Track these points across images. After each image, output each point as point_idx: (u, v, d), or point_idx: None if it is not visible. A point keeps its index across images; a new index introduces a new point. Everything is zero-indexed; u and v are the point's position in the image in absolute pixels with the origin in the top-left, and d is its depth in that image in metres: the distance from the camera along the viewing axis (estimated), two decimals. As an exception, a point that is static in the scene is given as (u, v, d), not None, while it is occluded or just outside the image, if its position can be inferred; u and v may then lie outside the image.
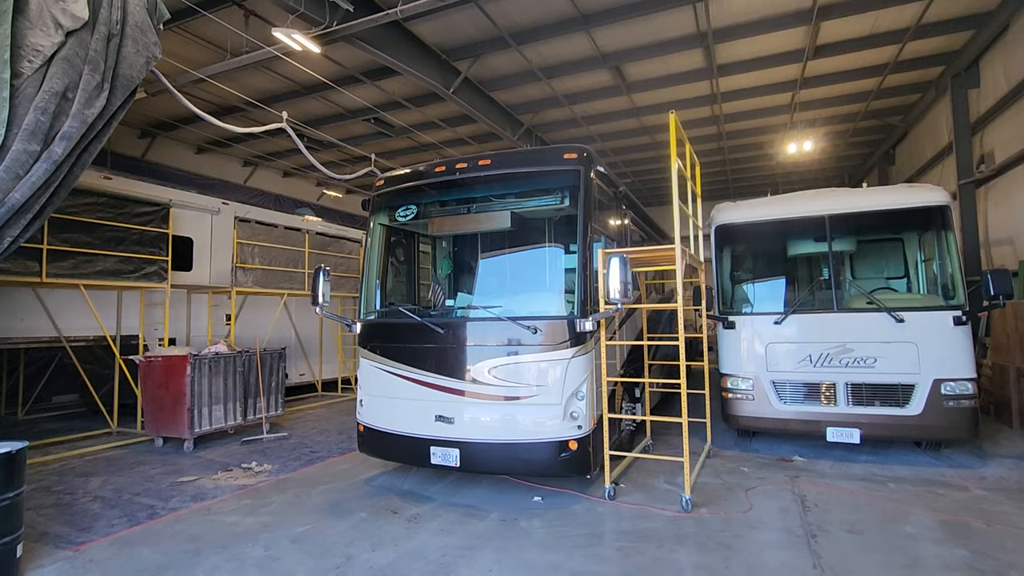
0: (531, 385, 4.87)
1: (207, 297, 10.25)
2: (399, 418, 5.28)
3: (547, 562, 3.83)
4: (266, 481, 5.86)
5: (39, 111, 4.06)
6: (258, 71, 10.48)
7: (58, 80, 4.18)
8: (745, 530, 4.31)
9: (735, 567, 3.70)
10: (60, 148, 4.15)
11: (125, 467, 6.50)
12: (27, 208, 4.11)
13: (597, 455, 5.01)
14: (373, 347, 5.59)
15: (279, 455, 6.96)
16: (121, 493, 5.51)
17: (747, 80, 11.22)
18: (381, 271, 6.17)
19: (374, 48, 8.43)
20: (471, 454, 4.93)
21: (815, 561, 3.74)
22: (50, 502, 5.24)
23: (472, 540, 4.22)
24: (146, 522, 4.72)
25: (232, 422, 7.77)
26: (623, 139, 14.91)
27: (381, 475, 5.98)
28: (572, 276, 5.18)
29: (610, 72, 10.74)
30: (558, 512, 4.78)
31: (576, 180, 5.12)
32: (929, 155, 12.70)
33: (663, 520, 4.54)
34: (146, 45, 4.92)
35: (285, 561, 3.92)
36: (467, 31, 9.27)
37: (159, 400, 7.37)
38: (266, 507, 5.05)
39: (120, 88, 4.67)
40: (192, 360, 7.20)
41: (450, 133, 14.05)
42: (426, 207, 5.94)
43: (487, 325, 5.15)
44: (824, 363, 6.12)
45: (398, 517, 4.74)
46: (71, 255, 7.28)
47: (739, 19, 9.03)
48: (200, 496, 5.38)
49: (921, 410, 5.73)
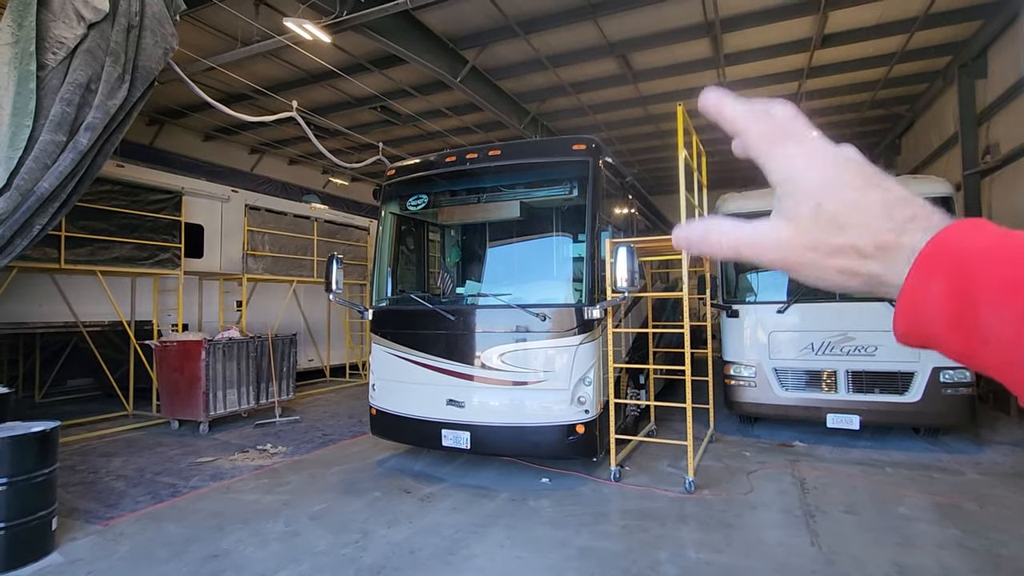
0: (540, 371, 5.03)
1: (218, 284, 10.42)
2: (411, 402, 5.45)
3: (555, 538, 4.00)
4: (282, 462, 6.05)
5: (64, 102, 4.19)
6: (266, 59, 10.53)
7: (81, 72, 4.30)
8: (746, 510, 4.48)
9: (736, 544, 3.87)
10: (85, 138, 4.29)
11: (144, 448, 6.71)
12: (55, 197, 4.26)
13: (603, 438, 5.17)
14: (385, 333, 5.75)
15: (292, 438, 7.16)
16: (143, 472, 5.71)
17: (754, 69, 11.21)
18: (392, 259, 6.30)
19: (383, 37, 8.49)
20: (481, 437, 5.10)
21: (812, 539, 3.91)
22: (76, 480, 5.45)
23: (483, 518, 4.40)
24: (169, 499, 4.92)
25: (245, 405, 7.97)
26: (629, 128, 14.91)
27: (393, 457, 6.17)
28: (580, 265, 5.31)
29: (617, 61, 10.75)
30: (565, 492, 4.96)
31: (585, 171, 5.23)
32: (935, 145, 12.69)
33: (666, 500, 4.71)
34: (164, 36, 5.03)
35: (305, 536, 4.10)
36: (475, 20, 9.30)
37: (175, 384, 7.56)
38: (283, 486, 5.24)
39: (140, 79, 4.79)
40: (207, 345, 7.37)
41: (456, 121, 14.08)
42: (437, 196, 6.06)
43: (497, 312, 5.29)
44: (825, 351, 6.26)
45: (411, 496, 4.92)
46: (88, 242, 7.44)
47: (747, 8, 9.03)
48: (219, 476, 5.58)
49: (920, 397, 5.88)
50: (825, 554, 3.70)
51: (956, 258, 0.38)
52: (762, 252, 0.44)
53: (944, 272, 0.38)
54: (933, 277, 0.38)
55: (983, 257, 0.37)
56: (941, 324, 0.38)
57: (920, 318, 0.39)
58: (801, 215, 0.42)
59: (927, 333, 0.39)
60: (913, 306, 0.40)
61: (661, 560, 3.67)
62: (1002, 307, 0.35)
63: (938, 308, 0.38)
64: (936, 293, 0.38)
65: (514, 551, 3.83)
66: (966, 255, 0.38)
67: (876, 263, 0.41)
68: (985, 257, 0.37)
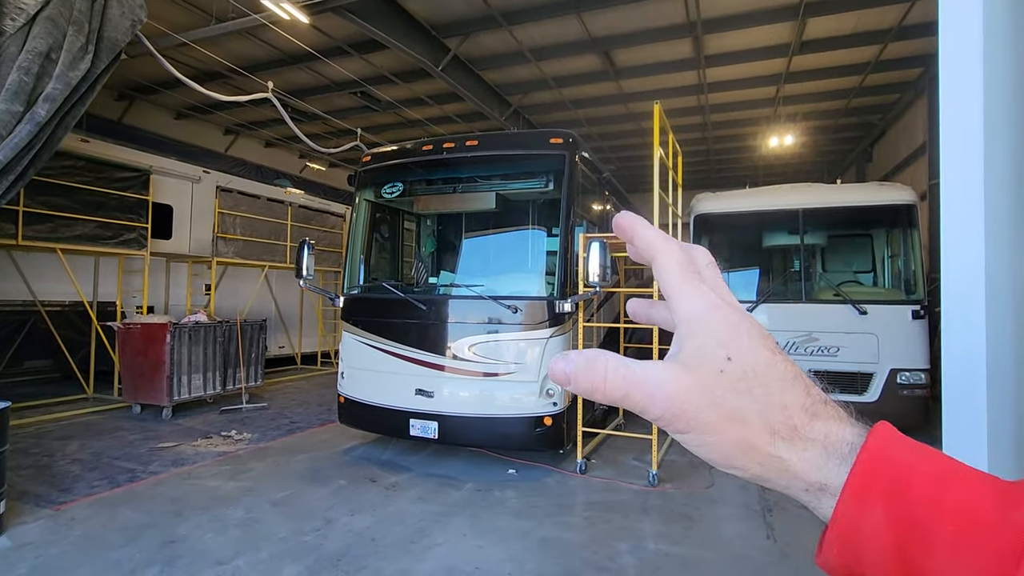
0: (509, 362, 5.04)
1: (187, 266, 10.17)
2: (380, 391, 5.42)
3: (518, 529, 4.03)
4: (246, 449, 5.96)
5: (22, 71, 4.02)
6: (243, 37, 10.25)
7: (42, 40, 4.13)
8: (706, 504, 4.58)
9: (694, 535, 3.95)
10: (43, 110, 4.12)
11: (103, 432, 6.53)
12: (9, 169, 4.09)
13: (571, 431, 5.22)
14: (356, 321, 5.69)
15: (259, 424, 7.05)
16: (100, 457, 5.56)
17: (733, 72, 11.36)
18: (365, 246, 6.23)
19: (363, 20, 8.34)
20: (449, 427, 5.10)
21: (768, 532, 4.02)
22: (28, 463, 5.28)
23: (448, 507, 4.41)
24: (126, 485, 4.80)
25: (211, 391, 7.81)
26: (610, 125, 14.98)
27: (360, 446, 6.13)
28: (553, 258, 5.32)
29: (600, 57, 10.77)
30: (531, 484, 5.00)
31: (561, 164, 5.24)
32: (904, 154, 13.06)
33: (630, 493, 4.78)
34: (131, 7, 4.86)
35: (266, 523, 4.06)
36: (458, 8, 9.20)
37: (138, 367, 7.37)
38: (246, 473, 5.16)
39: (105, 51, 4.62)
40: (172, 328, 7.20)
41: (437, 110, 13.95)
42: (412, 185, 6.01)
43: (469, 303, 5.28)
44: (790, 351, 6.40)
45: (377, 485, 4.90)
46: (49, 218, 7.17)
47: (729, 11, 9.13)
48: (180, 462, 5.47)
49: (878, 397, 6.07)
50: (780, 547, 3.80)
51: (894, 478, 0.32)
52: (652, 401, 0.36)
53: (882, 495, 0.31)
54: (873, 500, 0.32)
55: (924, 480, 0.31)
56: (888, 562, 0.31)
57: (860, 550, 0.32)
58: (705, 365, 0.36)
59: (865, 569, 0.32)
60: (853, 533, 0.32)
61: (621, 551, 3.73)
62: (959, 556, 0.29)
63: (879, 542, 0.31)
64: (876, 522, 0.31)
65: (476, 540, 3.85)
66: (904, 475, 0.32)
67: (784, 446, 0.34)
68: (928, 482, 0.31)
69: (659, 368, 0.37)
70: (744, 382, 0.35)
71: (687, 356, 0.37)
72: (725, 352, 0.36)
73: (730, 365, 0.35)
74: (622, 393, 0.37)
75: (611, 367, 0.37)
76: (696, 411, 0.35)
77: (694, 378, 0.36)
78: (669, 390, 0.36)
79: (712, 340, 0.36)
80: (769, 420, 0.34)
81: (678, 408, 0.35)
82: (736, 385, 0.35)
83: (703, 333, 0.37)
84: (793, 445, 0.34)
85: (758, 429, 0.35)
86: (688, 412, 0.35)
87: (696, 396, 0.35)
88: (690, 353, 0.37)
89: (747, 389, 0.35)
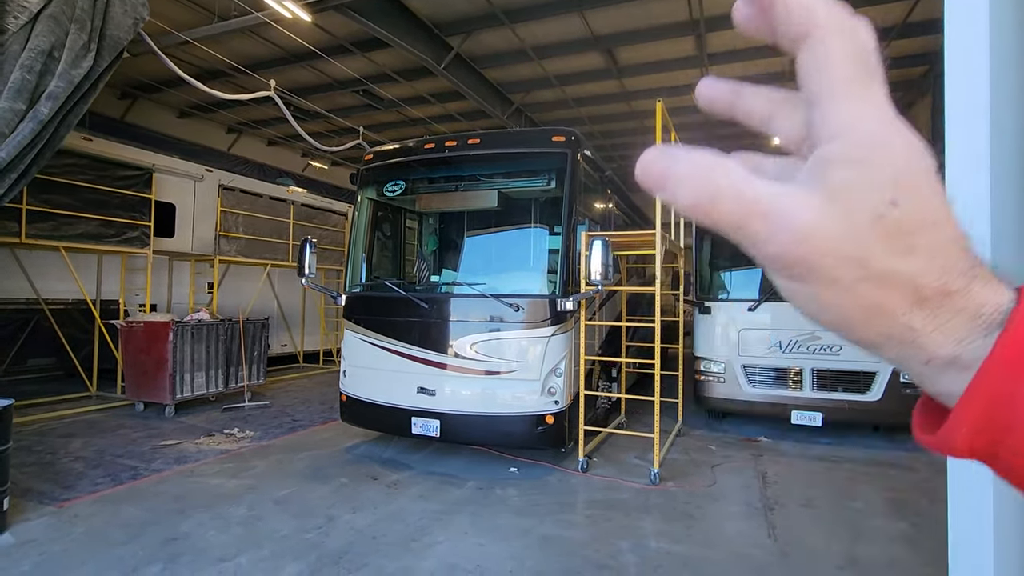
0: (511, 361, 5.04)
1: (189, 265, 10.18)
2: (382, 389, 5.42)
3: (519, 527, 4.03)
4: (248, 447, 5.97)
5: (25, 69, 4.02)
6: (245, 36, 10.26)
7: (44, 38, 4.14)
8: (708, 502, 4.57)
9: (696, 535, 3.95)
10: (46, 108, 4.13)
11: (106, 430, 6.55)
12: (12, 167, 4.10)
13: (572, 430, 5.22)
14: (358, 319, 5.69)
15: (261, 422, 7.06)
16: (103, 454, 5.58)
17: (737, 70, 11.31)
18: (367, 244, 6.24)
19: (365, 19, 8.33)
20: (451, 425, 5.10)
21: (770, 531, 4.01)
22: (31, 461, 5.30)
23: (449, 506, 4.41)
24: (129, 482, 4.82)
25: (214, 389, 7.83)
26: (612, 123, 14.96)
27: (362, 444, 6.13)
28: (555, 257, 5.32)
29: (602, 55, 10.75)
30: (533, 482, 5.00)
31: (563, 163, 5.23)
32: (908, 152, 13.00)
33: (631, 492, 4.78)
34: (134, 6, 4.86)
35: (269, 520, 4.06)
36: (460, 6, 9.19)
37: (141, 365, 7.38)
38: (249, 471, 5.17)
39: (107, 49, 4.63)
40: (175, 326, 7.21)
41: (439, 109, 13.94)
42: (414, 183, 6.00)
43: (471, 301, 5.28)
44: (793, 349, 6.39)
45: (378, 483, 4.90)
46: (52, 216, 7.19)
47: (732, 8, 9.10)
48: (183, 459, 5.48)
49: (880, 396, 6.05)
50: (780, 546, 3.80)
51: None
52: (773, 237, 0.27)
53: None
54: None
55: None
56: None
57: (1011, 420, 0.26)
58: (861, 205, 0.27)
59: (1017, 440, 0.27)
60: (1007, 402, 0.26)
61: (623, 549, 3.73)
62: None
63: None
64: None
65: (477, 538, 3.85)
66: None
67: (922, 316, 0.27)
68: None
69: (795, 194, 0.27)
70: (906, 239, 0.27)
71: (837, 185, 0.27)
72: (891, 193, 0.26)
73: (894, 212, 0.26)
74: (738, 218, 0.28)
75: (734, 180, 0.28)
76: (830, 264, 0.27)
77: (841, 219, 0.27)
78: (802, 226, 0.27)
79: (880, 172, 0.27)
80: (918, 286, 0.27)
81: (806, 253, 0.27)
82: (894, 241, 0.27)
83: (869, 160, 0.27)
84: (936, 315, 0.27)
85: (899, 296, 0.27)
86: (817, 262, 0.27)
87: (837, 243, 0.27)
88: (842, 183, 0.27)
89: (907, 248, 0.27)
